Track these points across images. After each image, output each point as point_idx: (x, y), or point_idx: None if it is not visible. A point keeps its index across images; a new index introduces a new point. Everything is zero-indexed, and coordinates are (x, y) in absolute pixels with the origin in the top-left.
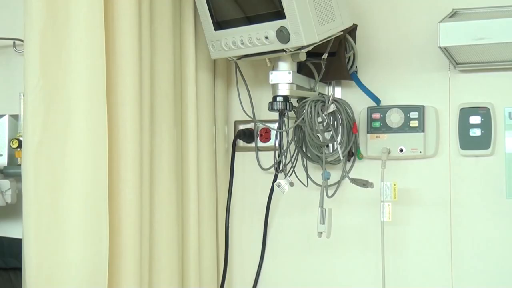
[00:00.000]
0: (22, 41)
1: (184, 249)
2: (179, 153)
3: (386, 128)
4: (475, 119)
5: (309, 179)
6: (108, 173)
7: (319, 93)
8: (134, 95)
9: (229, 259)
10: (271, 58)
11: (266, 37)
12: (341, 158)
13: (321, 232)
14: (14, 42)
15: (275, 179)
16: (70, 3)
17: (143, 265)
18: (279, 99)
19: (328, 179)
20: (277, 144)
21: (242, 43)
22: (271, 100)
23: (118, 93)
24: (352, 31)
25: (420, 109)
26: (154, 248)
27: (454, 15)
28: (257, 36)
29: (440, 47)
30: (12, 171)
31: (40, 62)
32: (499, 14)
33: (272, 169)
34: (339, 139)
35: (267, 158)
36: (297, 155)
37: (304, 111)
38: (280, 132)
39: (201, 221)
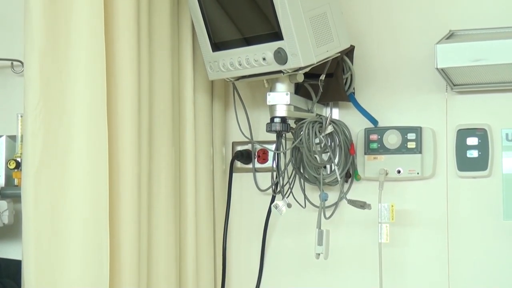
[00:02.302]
0: (20, 62)
1: (182, 269)
2: (177, 174)
3: (383, 150)
4: (472, 141)
5: (306, 201)
6: (108, 194)
7: (317, 114)
8: (133, 116)
9: (227, 280)
10: (269, 79)
11: (264, 58)
12: (339, 179)
13: (319, 254)
14: (12, 63)
15: (272, 200)
16: (71, 24)
17: (141, 286)
18: (277, 120)
19: (325, 200)
20: (274, 165)
21: (240, 64)
22: (269, 121)
23: (118, 114)
24: (349, 52)
25: (418, 130)
26: (153, 268)
27: (451, 36)
28: (255, 57)
29: (437, 69)
30: (9, 192)
31: (40, 83)
32: (496, 35)
33: (270, 190)
34: (336, 160)
35: (265, 179)
36: (294, 176)
37: (301, 133)
38: (277, 153)
39: (198, 241)
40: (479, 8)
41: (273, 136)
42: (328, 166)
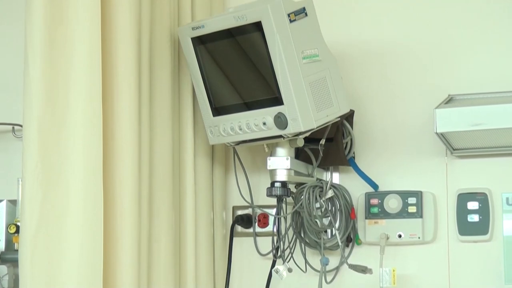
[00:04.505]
0: (21, 126)
1: None
2: (177, 238)
3: (384, 214)
4: (473, 205)
5: (307, 265)
6: (104, 259)
7: (317, 179)
8: (132, 181)
9: None
10: (269, 144)
11: (264, 123)
12: (340, 243)
13: None
14: (13, 127)
15: (273, 265)
16: (70, 88)
17: None
18: (277, 185)
19: (326, 265)
20: (275, 230)
21: (240, 129)
22: (269, 185)
23: (117, 177)
24: (349, 116)
25: (418, 194)
26: None
27: (450, 101)
28: (255, 122)
29: (436, 133)
30: (9, 257)
31: (39, 147)
32: (495, 100)
33: (270, 255)
34: (337, 224)
35: (265, 244)
36: (295, 240)
37: (302, 197)
38: (278, 218)
39: None
40: (478, 72)
41: (273, 201)
42: (329, 231)
